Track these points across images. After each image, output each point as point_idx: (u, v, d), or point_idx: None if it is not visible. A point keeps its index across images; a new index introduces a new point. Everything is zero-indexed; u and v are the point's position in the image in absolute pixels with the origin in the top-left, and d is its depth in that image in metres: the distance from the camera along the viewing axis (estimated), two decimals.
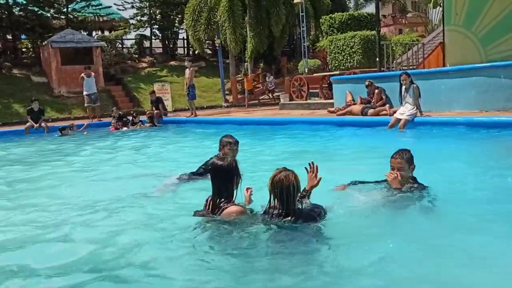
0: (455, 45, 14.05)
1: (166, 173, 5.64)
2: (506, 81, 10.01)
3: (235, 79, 23.14)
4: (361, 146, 7.66)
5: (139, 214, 4.06)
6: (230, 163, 3.51)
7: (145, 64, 27.22)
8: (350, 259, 2.84)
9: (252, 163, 6.09)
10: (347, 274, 2.67)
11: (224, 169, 3.48)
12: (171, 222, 3.73)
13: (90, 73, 16.26)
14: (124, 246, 3.24)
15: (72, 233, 3.59)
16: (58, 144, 10.93)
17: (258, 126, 11.77)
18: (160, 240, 3.32)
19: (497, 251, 2.82)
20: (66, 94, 21.03)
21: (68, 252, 3.20)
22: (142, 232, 3.53)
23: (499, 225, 3.28)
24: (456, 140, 7.66)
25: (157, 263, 2.93)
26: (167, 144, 9.65)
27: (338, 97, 13.66)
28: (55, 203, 4.67)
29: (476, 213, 3.54)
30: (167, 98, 18.70)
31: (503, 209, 3.62)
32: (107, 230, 3.62)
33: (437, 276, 2.53)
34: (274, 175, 3.33)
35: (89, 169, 6.74)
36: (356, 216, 3.63)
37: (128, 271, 2.83)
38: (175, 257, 3.01)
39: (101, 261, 3.02)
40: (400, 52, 17.91)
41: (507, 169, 5.04)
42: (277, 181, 3.29)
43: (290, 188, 3.26)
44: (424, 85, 11.39)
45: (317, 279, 2.63)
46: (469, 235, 3.10)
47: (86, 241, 3.41)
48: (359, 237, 3.22)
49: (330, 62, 19.68)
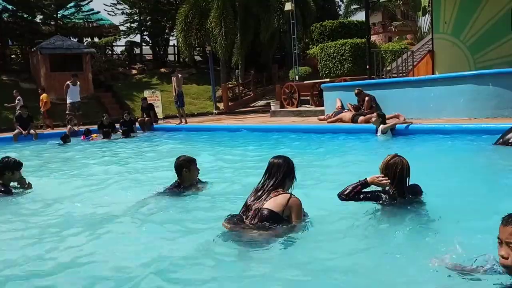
0: (444, 53, 14.23)
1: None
2: (494, 88, 10.12)
3: (226, 86, 23.15)
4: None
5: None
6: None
7: (135, 71, 27.13)
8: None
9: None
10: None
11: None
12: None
13: (77, 81, 16.17)
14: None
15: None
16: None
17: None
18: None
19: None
20: (55, 101, 20.80)
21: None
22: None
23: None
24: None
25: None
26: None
27: (328, 104, 13.71)
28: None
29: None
30: (158, 105, 18.62)
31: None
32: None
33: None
34: (388, 159, 3.75)
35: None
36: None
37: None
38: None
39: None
40: (390, 60, 18.05)
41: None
42: (392, 164, 3.71)
43: (404, 170, 3.70)
44: (413, 93, 11.50)
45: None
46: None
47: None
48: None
49: (320, 70, 19.78)
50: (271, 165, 3.54)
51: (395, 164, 3.72)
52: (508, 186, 4.63)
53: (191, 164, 4.89)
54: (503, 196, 4.21)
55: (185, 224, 3.92)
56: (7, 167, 5.12)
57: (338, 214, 3.83)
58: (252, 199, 3.47)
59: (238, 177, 5.97)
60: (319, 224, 3.55)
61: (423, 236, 3.31)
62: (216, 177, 5.78)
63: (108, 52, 28.94)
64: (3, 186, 5.10)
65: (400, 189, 3.76)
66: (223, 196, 4.77)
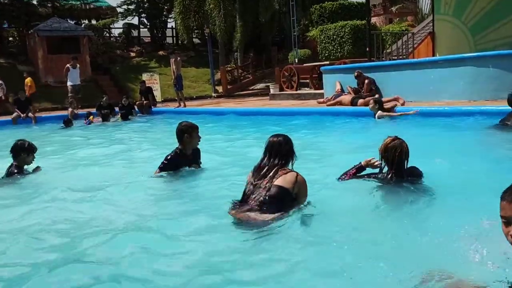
0: (445, 34, 14.11)
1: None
2: (494, 70, 10.07)
3: (224, 69, 23.00)
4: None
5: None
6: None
7: (133, 53, 26.91)
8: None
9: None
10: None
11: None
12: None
13: (76, 64, 16.06)
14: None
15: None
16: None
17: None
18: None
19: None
20: (53, 84, 20.70)
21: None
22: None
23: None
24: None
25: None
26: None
27: (328, 87, 13.65)
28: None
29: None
30: (156, 88, 18.50)
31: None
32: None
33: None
34: (388, 142, 3.78)
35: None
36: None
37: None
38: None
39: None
40: (390, 42, 17.92)
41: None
42: (391, 146, 3.74)
43: (403, 153, 3.75)
44: (413, 75, 11.45)
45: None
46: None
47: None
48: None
49: (320, 52, 19.64)
50: (271, 144, 3.49)
51: (395, 147, 3.75)
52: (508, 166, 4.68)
53: (193, 130, 4.80)
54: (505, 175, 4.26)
55: (189, 204, 3.93)
56: (23, 149, 5.27)
57: (341, 194, 3.87)
58: (257, 178, 3.41)
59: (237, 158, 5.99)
60: (322, 203, 3.55)
61: (423, 214, 3.37)
62: (216, 158, 5.81)
63: (106, 35, 28.65)
64: (17, 167, 5.25)
65: (398, 172, 3.80)
66: (226, 174, 4.80)
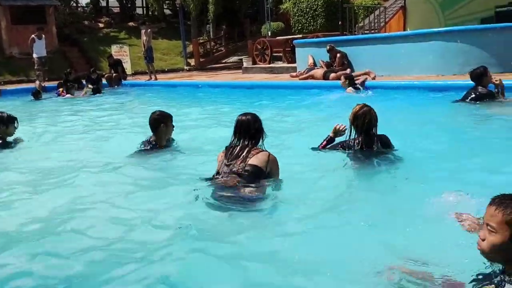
0: (416, 9, 14.25)
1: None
2: (462, 45, 10.27)
3: (197, 41, 22.61)
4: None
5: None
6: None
7: (101, 24, 26.07)
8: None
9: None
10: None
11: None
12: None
13: (42, 34, 15.48)
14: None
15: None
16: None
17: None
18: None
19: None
20: (18, 56, 19.94)
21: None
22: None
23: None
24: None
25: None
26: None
27: (301, 61, 13.65)
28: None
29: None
30: (126, 60, 18.07)
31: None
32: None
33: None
34: (357, 110, 3.86)
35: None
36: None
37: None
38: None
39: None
40: (363, 16, 17.95)
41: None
42: (360, 114, 3.82)
43: (372, 119, 3.83)
44: (384, 50, 11.56)
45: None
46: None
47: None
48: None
49: (293, 25, 19.51)
50: (240, 123, 3.42)
51: (364, 114, 3.84)
52: (470, 139, 4.91)
53: (168, 120, 4.57)
54: (468, 149, 4.49)
55: (168, 184, 3.83)
56: (1, 121, 5.29)
57: (314, 168, 3.93)
58: (230, 159, 3.36)
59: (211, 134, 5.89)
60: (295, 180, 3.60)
61: (397, 183, 3.53)
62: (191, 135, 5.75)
63: (73, 4, 27.60)
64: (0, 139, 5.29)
65: (367, 138, 3.87)
66: (201, 154, 4.66)
